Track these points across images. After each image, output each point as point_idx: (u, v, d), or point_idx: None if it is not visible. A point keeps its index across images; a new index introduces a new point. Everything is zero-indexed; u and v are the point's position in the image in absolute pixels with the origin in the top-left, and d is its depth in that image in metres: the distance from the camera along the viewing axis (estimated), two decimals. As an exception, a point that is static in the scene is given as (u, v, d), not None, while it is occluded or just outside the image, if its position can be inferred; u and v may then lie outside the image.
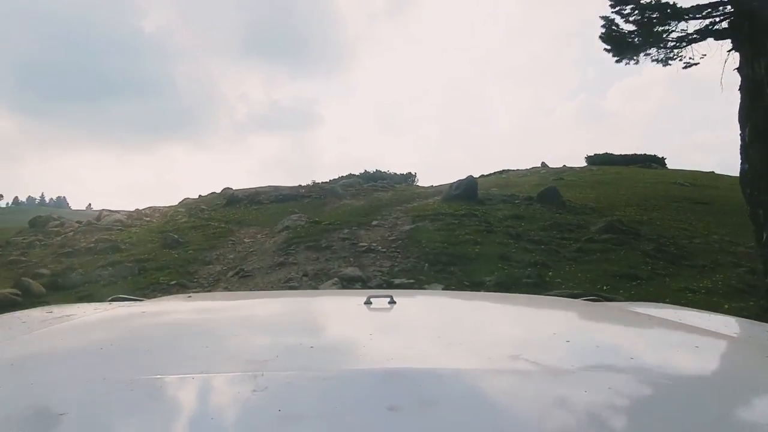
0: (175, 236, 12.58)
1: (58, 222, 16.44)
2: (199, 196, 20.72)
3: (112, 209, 18.20)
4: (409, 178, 31.44)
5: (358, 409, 0.63)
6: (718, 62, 9.70)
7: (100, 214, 17.09)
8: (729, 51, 9.05)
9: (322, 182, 23.94)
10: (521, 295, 1.84)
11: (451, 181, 16.95)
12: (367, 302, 1.21)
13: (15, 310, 1.39)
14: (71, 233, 14.48)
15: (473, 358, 0.85)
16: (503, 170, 30.64)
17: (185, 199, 20.15)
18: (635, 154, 32.05)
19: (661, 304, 1.62)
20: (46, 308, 1.36)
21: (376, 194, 18.00)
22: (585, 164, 30.13)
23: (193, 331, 1.17)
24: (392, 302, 1.20)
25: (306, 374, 0.74)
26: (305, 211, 14.29)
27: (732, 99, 9.04)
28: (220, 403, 0.66)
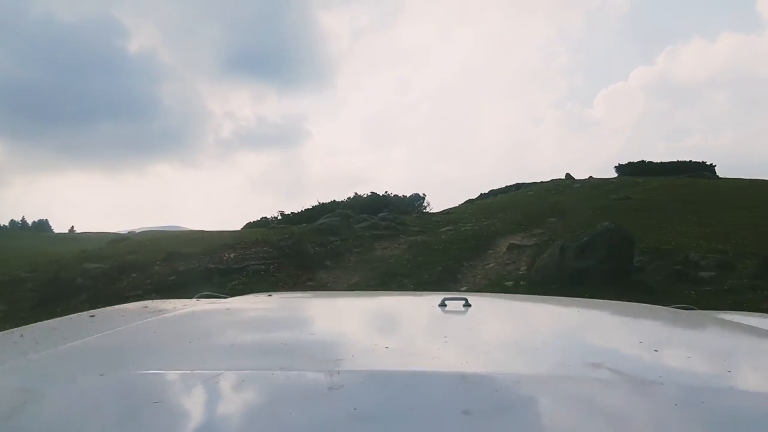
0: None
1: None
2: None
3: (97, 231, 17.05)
4: (417, 201, 25.67)
5: (433, 412, 0.63)
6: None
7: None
8: None
9: (320, 204, 20.94)
10: (603, 301, 1.70)
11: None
12: (442, 305, 1.20)
13: None
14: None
15: (551, 365, 0.83)
16: (518, 184, 28.44)
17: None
18: (679, 162, 28.36)
19: (758, 313, 1.48)
20: (142, 303, 1.46)
21: (400, 244, 12.05)
22: (616, 174, 27.33)
23: (273, 328, 1.22)
24: (467, 305, 1.19)
25: (381, 375, 0.75)
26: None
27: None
28: (297, 399, 0.68)
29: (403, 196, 23.89)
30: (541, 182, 27.18)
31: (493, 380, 0.71)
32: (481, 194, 29.18)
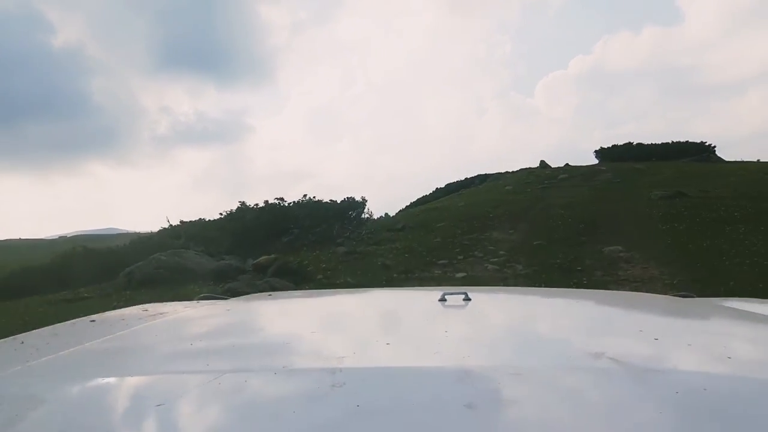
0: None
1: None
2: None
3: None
4: (355, 209, 16.66)
5: (436, 406, 0.63)
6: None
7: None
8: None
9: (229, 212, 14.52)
10: (603, 291, 1.71)
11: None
12: (442, 299, 1.20)
13: None
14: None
15: (552, 356, 0.83)
16: (482, 175, 24.49)
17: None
18: (672, 143, 24.29)
19: (757, 299, 1.46)
20: (142, 306, 1.46)
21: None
22: (597, 161, 23.63)
23: (275, 328, 1.22)
24: (467, 299, 1.19)
25: (383, 370, 0.75)
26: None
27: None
28: (300, 397, 0.68)
29: (333, 201, 16.26)
30: (511, 173, 23.54)
31: (495, 373, 0.71)
32: (436, 189, 25.41)
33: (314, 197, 16.10)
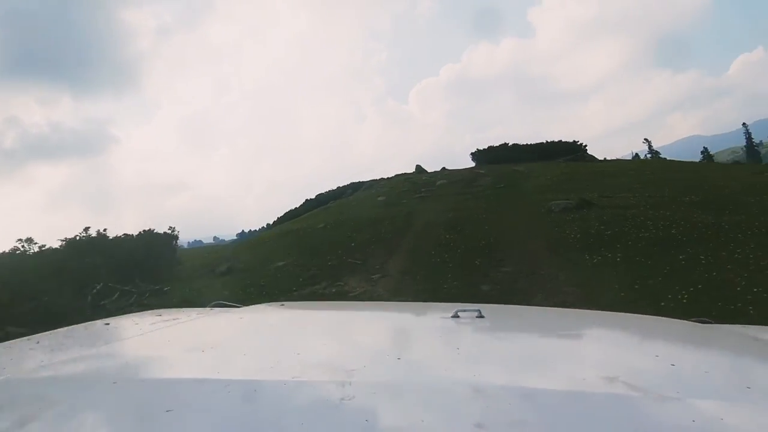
0: None
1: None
2: None
3: None
4: (162, 243, 11.85)
5: (445, 425, 0.63)
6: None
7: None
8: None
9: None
10: (618, 313, 1.72)
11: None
12: (455, 316, 1.19)
13: None
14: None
15: (565, 378, 0.82)
16: (354, 183, 22.48)
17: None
18: (546, 143, 24.24)
19: None
20: (156, 312, 1.45)
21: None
22: (474, 164, 22.85)
23: (286, 338, 1.21)
24: (480, 316, 1.18)
25: (392, 385, 0.75)
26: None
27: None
28: (309, 409, 0.68)
29: (128, 235, 11.89)
30: (386, 179, 21.32)
31: (506, 393, 0.71)
32: (306, 200, 23.46)
33: (87, 234, 11.05)
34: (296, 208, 23.64)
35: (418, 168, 22.10)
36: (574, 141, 24.24)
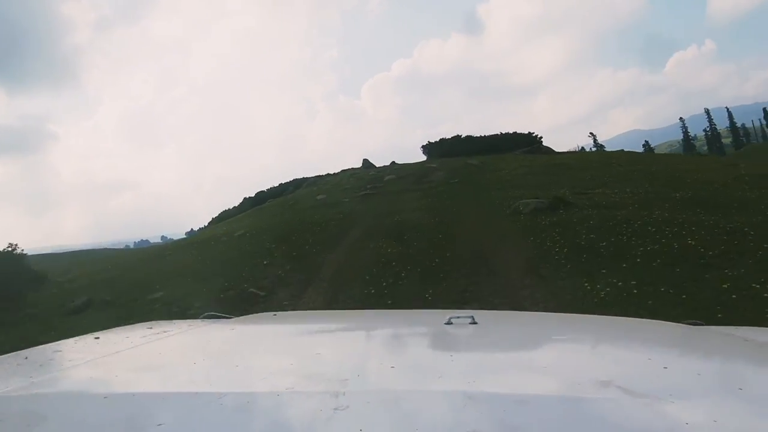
0: None
1: None
2: None
3: None
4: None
5: None
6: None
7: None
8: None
9: None
10: (612, 317, 1.73)
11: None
12: (448, 323, 1.18)
13: None
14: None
15: (559, 384, 0.82)
16: (297, 180, 21.64)
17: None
18: (501, 134, 23.12)
19: None
20: (147, 324, 1.44)
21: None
22: (425, 158, 21.99)
23: (279, 348, 1.20)
24: (473, 323, 1.18)
25: (386, 394, 0.74)
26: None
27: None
28: (303, 420, 0.68)
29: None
30: (331, 175, 20.47)
31: (500, 400, 0.71)
32: (244, 199, 21.76)
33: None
34: (232, 208, 22.05)
35: (366, 162, 20.74)
36: (530, 132, 23.31)
